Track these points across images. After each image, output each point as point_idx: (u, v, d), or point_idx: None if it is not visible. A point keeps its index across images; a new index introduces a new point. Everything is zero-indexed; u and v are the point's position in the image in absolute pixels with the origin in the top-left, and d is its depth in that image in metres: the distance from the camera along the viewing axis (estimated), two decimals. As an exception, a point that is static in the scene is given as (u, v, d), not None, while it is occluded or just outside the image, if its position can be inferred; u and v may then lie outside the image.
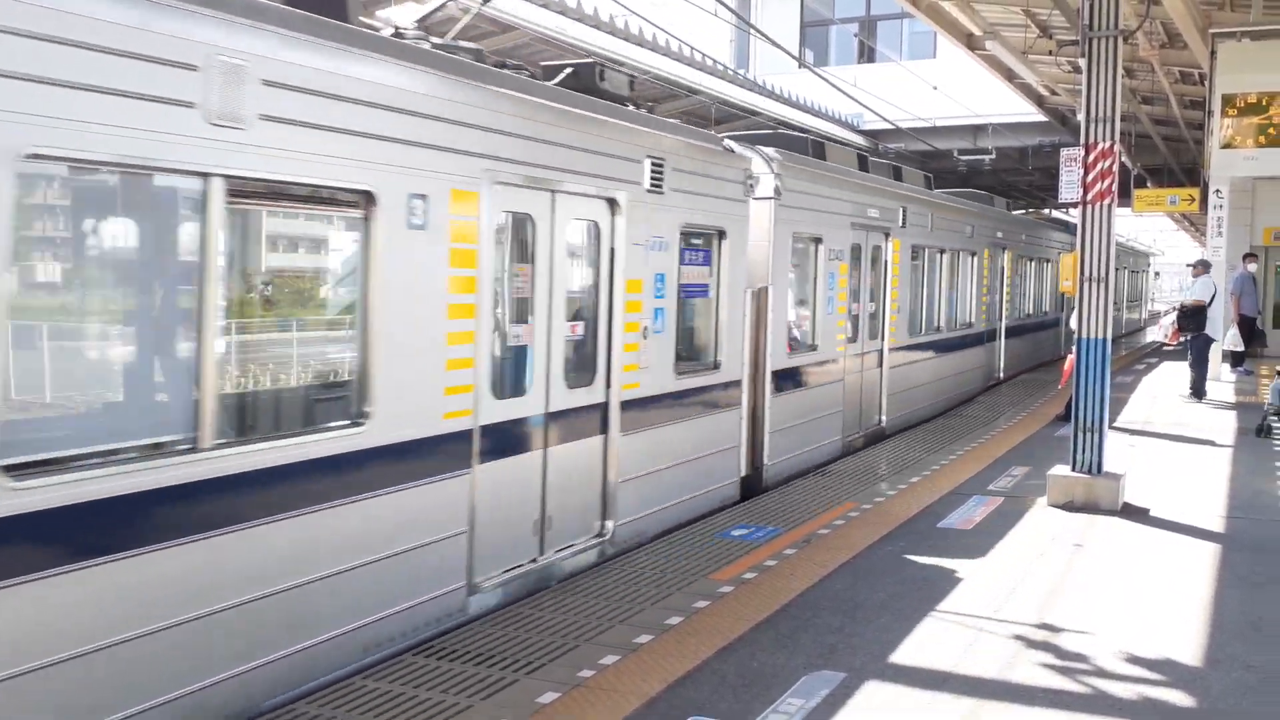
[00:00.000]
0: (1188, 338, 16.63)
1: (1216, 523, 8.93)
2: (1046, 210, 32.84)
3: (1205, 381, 16.39)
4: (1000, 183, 34.16)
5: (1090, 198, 9.34)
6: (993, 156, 26.10)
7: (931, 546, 8.04)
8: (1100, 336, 9.37)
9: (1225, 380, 18.16)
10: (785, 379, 10.82)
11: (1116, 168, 9.38)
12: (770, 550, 7.83)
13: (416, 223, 5.94)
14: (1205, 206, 22.05)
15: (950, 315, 17.02)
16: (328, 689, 5.28)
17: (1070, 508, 9.27)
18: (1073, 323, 9.89)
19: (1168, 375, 20.46)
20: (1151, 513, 9.22)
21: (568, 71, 8.14)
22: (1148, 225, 57.85)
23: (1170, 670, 5.70)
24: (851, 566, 7.47)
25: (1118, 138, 9.32)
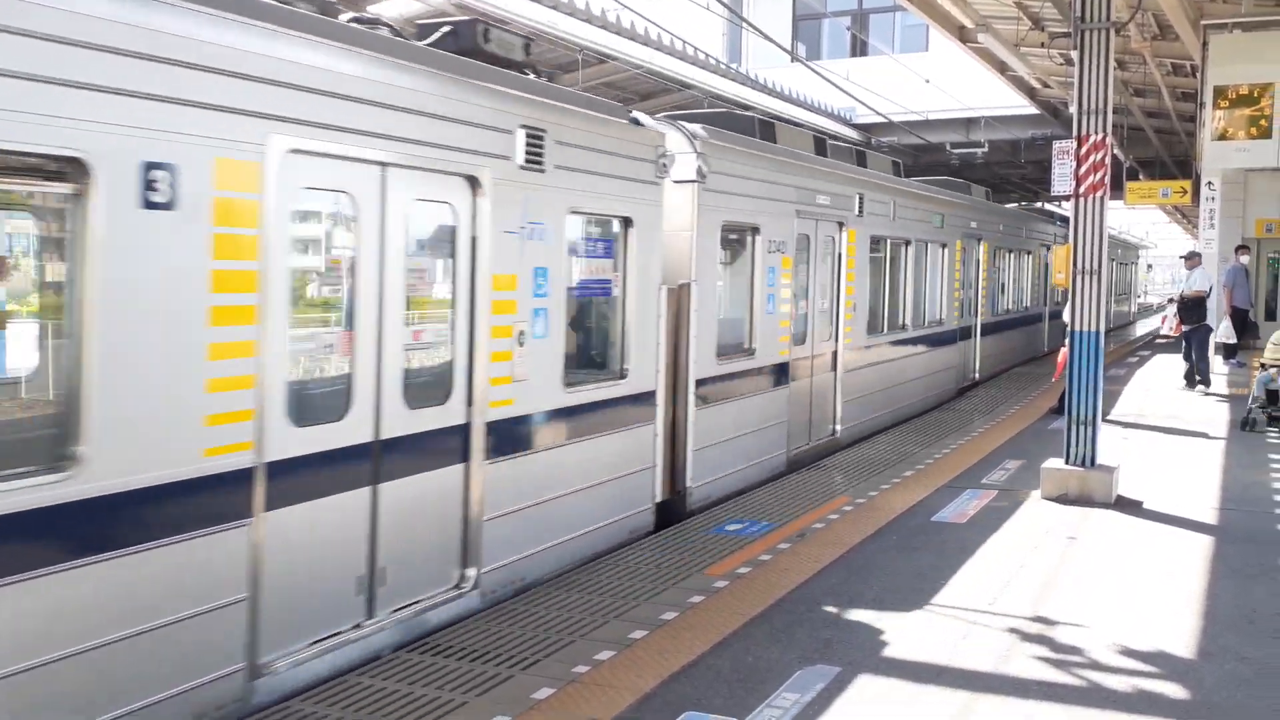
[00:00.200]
0: (1187, 329, 16.75)
1: (1210, 515, 8.95)
2: (1039, 203, 32.85)
3: (1209, 369, 16.60)
4: (993, 176, 34.20)
5: (1083, 190, 9.35)
6: (985, 150, 26.14)
7: (925, 540, 8.05)
8: (1093, 329, 9.38)
9: (1218, 373, 18.20)
10: (714, 388, 9.58)
11: (1109, 160, 9.39)
12: (764, 545, 7.83)
13: (158, 200, 4.62)
14: (1197, 199, 22.09)
15: (917, 312, 15.75)
16: (321, 686, 5.28)
17: (1064, 501, 9.29)
18: (1065, 315, 9.90)
19: (1160, 368, 20.50)
20: (1145, 505, 9.24)
21: (445, 30, 7.01)
22: (1140, 218, 57.99)
23: (1164, 662, 5.72)
24: (846, 561, 7.48)
25: (1110, 130, 9.33)
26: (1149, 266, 69.96)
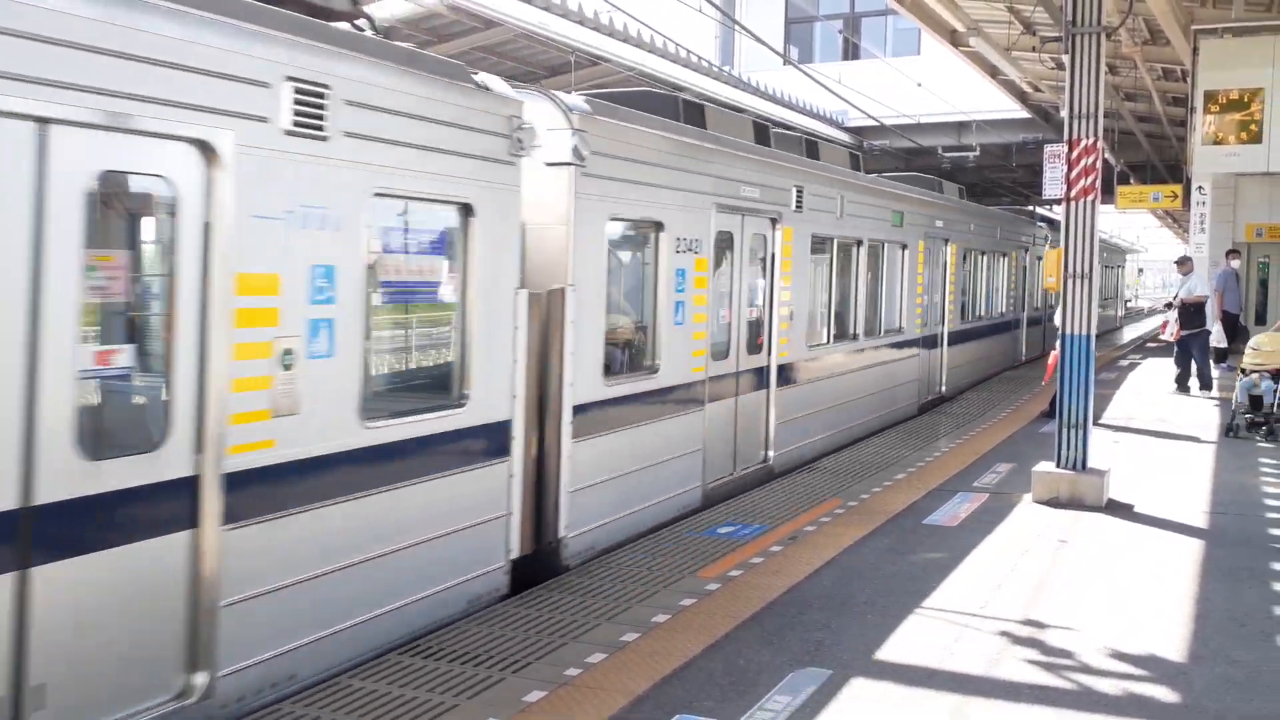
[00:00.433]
0: (1186, 334, 16.85)
1: (1200, 518, 8.97)
2: (1031, 207, 32.92)
3: (1211, 373, 16.77)
4: (984, 179, 34.31)
5: (1074, 194, 9.37)
6: (977, 153, 26.19)
7: (917, 543, 8.05)
8: (1085, 332, 9.40)
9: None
10: (600, 415, 7.97)
11: (1100, 164, 9.42)
12: (756, 547, 7.83)
13: None
14: (1188, 203, 22.18)
15: (870, 320, 14.07)
16: (313, 688, 5.26)
17: (1055, 504, 9.30)
18: (1056, 319, 9.91)
19: (1152, 372, 20.56)
20: (1136, 509, 9.26)
21: None
22: (1131, 222, 58.16)
23: (1155, 666, 5.73)
24: (837, 563, 7.48)
25: (1101, 134, 9.36)
26: (1139, 271, 70.13)
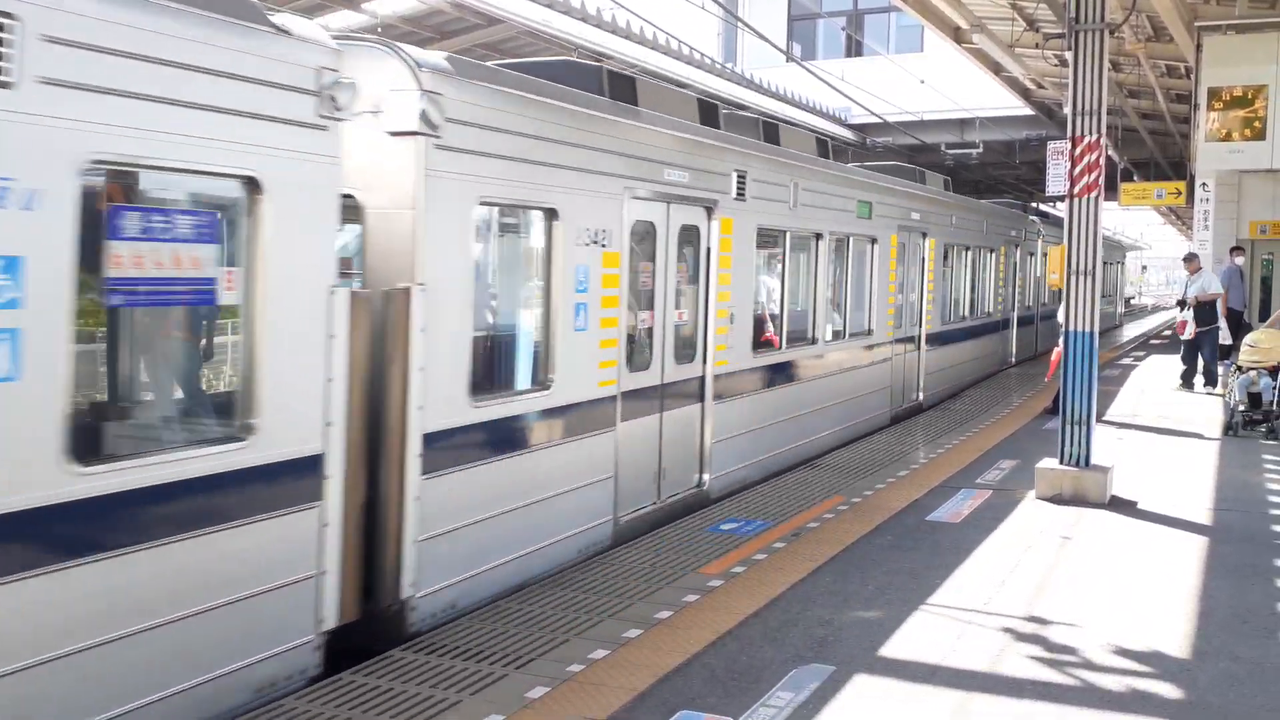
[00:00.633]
0: (1200, 331, 16.85)
1: (1204, 515, 8.96)
2: (1034, 204, 32.85)
3: (1217, 369, 16.77)
4: (988, 176, 34.26)
5: (1077, 191, 9.36)
6: (980, 150, 26.15)
7: (920, 539, 8.05)
8: (1087, 329, 9.39)
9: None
10: (465, 442, 6.62)
11: (1103, 161, 9.41)
12: (759, 544, 7.83)
13: None
14: (1192, 200, 22.11)
15: (830, 322, 12.58)
16: (313, 685, 5.27)
17: (1058, 500, 9.29)
18: (1060, 315, 9.90)
19: (1155, 369, 20.54)
20: (1139, 505, 9.25)
21: None
22: (1135, 219, 58.11)
23: (1158, 662, 5.72)
24: (840, 560, 7.47)
25: (1104, 131, 9.34)
26: (1143, 268, 70.02)
